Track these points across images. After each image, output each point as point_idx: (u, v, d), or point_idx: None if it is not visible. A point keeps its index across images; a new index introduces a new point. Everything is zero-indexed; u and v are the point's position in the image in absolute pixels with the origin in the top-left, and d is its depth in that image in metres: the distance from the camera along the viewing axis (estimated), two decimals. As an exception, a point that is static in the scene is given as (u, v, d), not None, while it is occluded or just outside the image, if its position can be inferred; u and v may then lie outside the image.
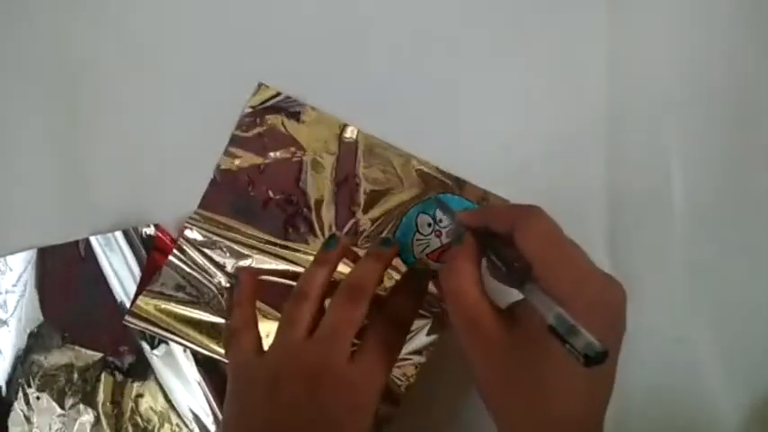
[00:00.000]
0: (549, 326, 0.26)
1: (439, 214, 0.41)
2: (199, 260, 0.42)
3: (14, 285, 0.42)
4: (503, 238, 0.32)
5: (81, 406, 0.41)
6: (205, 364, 0.41)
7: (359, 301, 0.35)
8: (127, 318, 0.41)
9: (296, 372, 0.34)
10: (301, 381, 0.33)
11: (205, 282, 0.42)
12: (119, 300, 0.42)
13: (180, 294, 0.42)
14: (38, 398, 0.41)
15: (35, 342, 0.42)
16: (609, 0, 0.43)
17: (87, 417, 0.41)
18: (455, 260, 0.33)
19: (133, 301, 0.41)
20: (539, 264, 0.29)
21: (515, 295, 0.30)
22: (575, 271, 0.29)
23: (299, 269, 0.42)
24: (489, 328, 0.30)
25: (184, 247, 0.42)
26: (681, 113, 0.43)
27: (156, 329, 0.41)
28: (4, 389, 0.42)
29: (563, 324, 0.26)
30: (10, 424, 0.41)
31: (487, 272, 0.33)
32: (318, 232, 0.42)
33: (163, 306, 0.41)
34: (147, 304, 0.41)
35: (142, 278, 0.42)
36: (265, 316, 0.41)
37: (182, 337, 0.41)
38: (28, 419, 0.41)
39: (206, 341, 0.41)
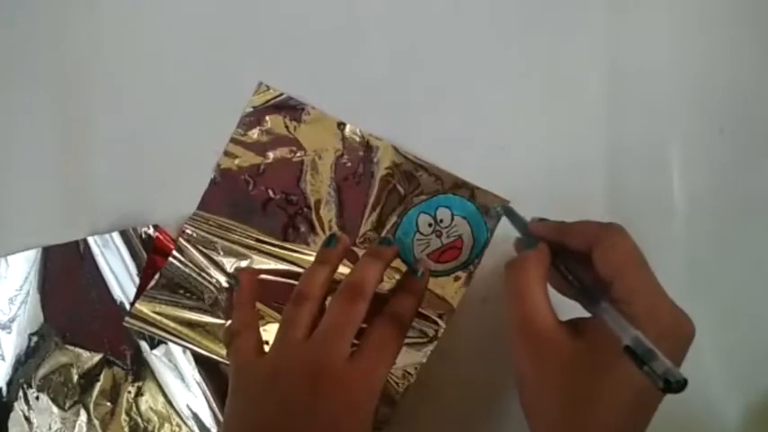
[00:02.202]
0: (626, 346, 0.26)
1: (440, 214, 0.40)
2: (198, 261, 0.42)
3: (15, 286, 0.42)
4: (576, 254, 0.32)
5: (80, 406, 0.41)
6: (205, 365, 0.41)
7: (358, 300, 0.35)
8: (127, 320, 0.41)
9: (295, 371, 0.34)
10: (300, 380, 0.33)
11: (205, 283, 0.42)
12: (118, 300, 0.42)
13: (179, 296, 0.42)
14: (38, 398, 0.41)
15: (35, 342, 0.42)
16: (609, 0, 0.43)
17: (87, 417, 0.41)
18: (525, 259, 0.32)
19: (132, 303, 0.41)
20: (617, 284, 0.30)
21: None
22: (652, 298, 0.29)
23: (300, 270, 0.42)
24: (550, 333, 0.30)
25: (184, 248, 0.42)
26: (681, 113, 0.43)
27: (155, 331, 0.41)
28: (4, 389, 0.42)
29: (641, 347, 0.26)
30: (10, 424, 0.41)
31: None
32: (319, 231, 0.42)
33: (162, 309, 0.41)
34: (147, 307, 0.41)
35: (142, 279, 0.42)
36: (264, 317, 0.41)
37: (182, 339, 0.41)
38: (28, 420, 0.41)
39: (205, 342, 0.41)
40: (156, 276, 0.42)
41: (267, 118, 0.43)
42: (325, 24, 0.44)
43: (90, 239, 0.42)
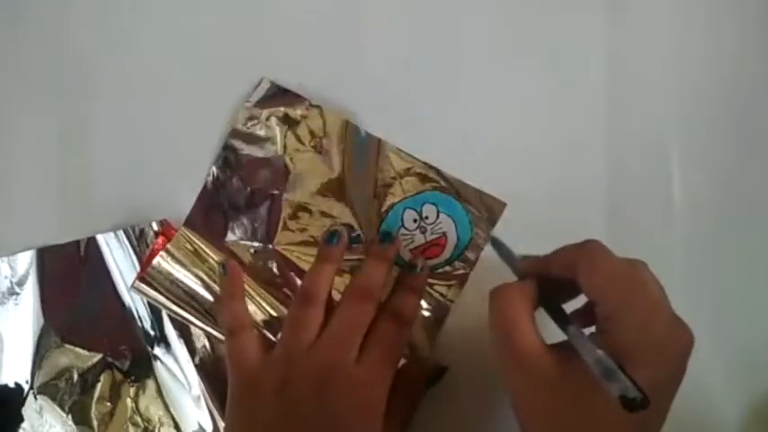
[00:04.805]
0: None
1: (425, 211, 0.41)
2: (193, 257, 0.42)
3: (15, 286, 0.43)
4: (565, 283, 0.31)
5: (81, 406, 0.41)
6: (205, 365, 0.41)
7: (367, 304, 0.36)
8: (136, 284, 0.41)
9: (305, 376, 0.34)
10: (311, 384, 0.33)
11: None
12: (120, 299, 0.42)
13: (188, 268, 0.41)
14: (37, 399, 0.41)
15: (35, 343, 0.42)
16: (609, 0, 0.43)
17: (87, 417, 0.41)
18: (510, 291, 0.31)
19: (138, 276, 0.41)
20: (603, 303, 0.29)
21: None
22: (641, 311, 0.29)
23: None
24: (539, 359, 0.29)
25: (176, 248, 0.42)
26: (681, 113, 0.43)
27: (163, 299, 0.41)
28: (4, 391, 0.42)
29: (603, 367, 0.26)
30: (10, 425, 0.41)
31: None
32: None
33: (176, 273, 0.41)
34: (165, 265, 0.41)
35: (146, 258, 0.42)
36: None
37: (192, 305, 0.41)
38: (28, 421, 0.41)
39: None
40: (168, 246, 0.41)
41: (268, 112, 0.43)
42: (327, 22, 0.44)
43: (99, 237, 0.42)
